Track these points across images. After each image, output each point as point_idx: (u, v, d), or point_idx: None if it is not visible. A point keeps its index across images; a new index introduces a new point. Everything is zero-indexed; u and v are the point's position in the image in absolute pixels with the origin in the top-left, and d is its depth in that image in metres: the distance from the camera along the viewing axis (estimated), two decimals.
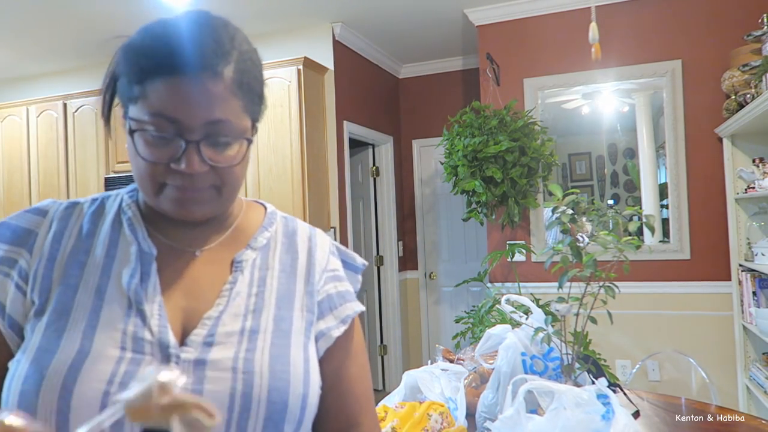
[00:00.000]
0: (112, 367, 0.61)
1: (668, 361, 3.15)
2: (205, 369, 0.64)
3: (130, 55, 0.65)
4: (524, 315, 1.58)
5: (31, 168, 4.20)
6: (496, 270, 3.57)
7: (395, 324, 4.59)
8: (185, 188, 0.66)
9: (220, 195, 0.69)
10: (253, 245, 0.76)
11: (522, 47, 3.58)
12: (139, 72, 0.63)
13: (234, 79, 0.65)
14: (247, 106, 0.68)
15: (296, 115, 3.40)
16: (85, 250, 0.69)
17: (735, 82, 2.91)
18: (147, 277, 0.68)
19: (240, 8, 3.44)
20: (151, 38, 0.64)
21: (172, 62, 0.62)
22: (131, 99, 0.65)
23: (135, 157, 0.66)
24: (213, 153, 0.66)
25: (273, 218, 0.80)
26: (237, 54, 0.66)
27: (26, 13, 3.35)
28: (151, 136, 0.64)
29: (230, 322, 0.68)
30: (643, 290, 3.27)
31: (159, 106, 0.63)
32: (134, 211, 0.73)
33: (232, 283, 0.71)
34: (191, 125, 0.63)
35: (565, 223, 1.42)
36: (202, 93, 0.63)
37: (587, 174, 3.58)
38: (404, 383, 1.59)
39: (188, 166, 0.64)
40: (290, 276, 0.75)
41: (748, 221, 2.98)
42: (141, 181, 0.67)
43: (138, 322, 0.65)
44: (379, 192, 4.59)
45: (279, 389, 0.66)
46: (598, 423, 1.15)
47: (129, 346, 0.63)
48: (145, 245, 0.70)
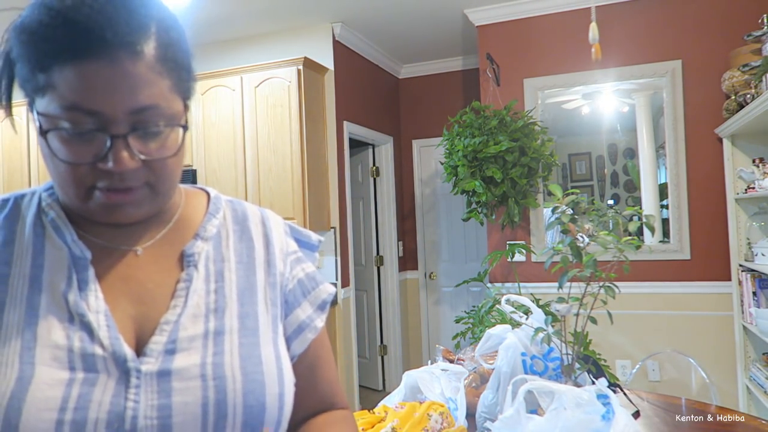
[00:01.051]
0: (62, 391, 0.54)
1: (668, 361, 3.15)
2: (170, 380, 0.57)
3: (26, 38, 0.54)
4: (524, 315, 1.58)
5: (31, 168, 4.20)
6: (496, 270, 3.57)
7: (395, 324, 4.59)
8: (116, 189, 0.57)
9: (156, 193, 0.60)
10: (202, 235, 0.68)
11: (522, 47, 3.58)
12: (41, 58, 0.53)
13: (157, 55, 0.56)
14: (175, 85, 0.58)
15: (296, 115, 3.40)
16: (4, 262, 0.59)
17: (735, 82, 2.90)
18: (85, 284, 0.60)
19: (240, 8, 3.44)
20: (50, 16, 0.53)
21: (80, 43, 0.52)
22: (36, 90, 0.55)
23: (51, 159, 0.56)
24: (143, 146, 0.57)
25: (218, 203, 0.72)
26: (155, 24, 0.56)
27: None
28: (68, 133, 0.54)
29: (191, 325, 0.61)
30: (643, 290, 3.27)
31: (72, 98, 0.53)
32: (57, 212, 0.63)
33: (186, 281, 0.64)
34: (114, 116, 0.54)
35: (565, 223, 1.42)
36: (121, 77, 0.53)
37: (587, 174, 3.58)
38: (404, 383, 1.59)
39: (117, 164, 0.55)
40: (249, 267, 0.68)
41: (748, 221, 2.98)
42: (63, 186, 0.58)
43: (84, 337, 0.57)
44: (379, 192, 4.59)
45: (254, 392, 0.61)
46: (598, 423, 1.15)
47: (78, 365, 0.56)
48: (77, 249, 0.61)
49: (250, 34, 3.83)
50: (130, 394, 0.56)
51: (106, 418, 0.55)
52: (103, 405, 0.55)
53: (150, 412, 0.56)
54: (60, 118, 0.54)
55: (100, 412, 0.54)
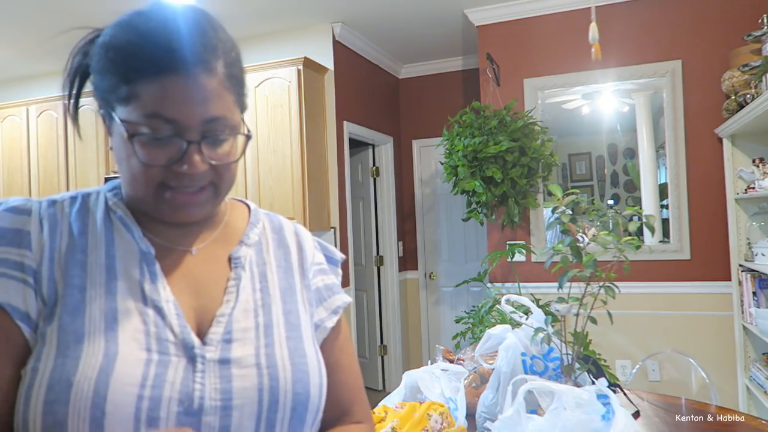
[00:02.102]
0: (141, 369, 0.60)
1: (668, 361, 3.15)
2: (230, 367, 0.64)
3: (114, 54, 0.62)
4: (524, 315, 1.58)
5: (31, 168, 4.20)
6: (496, 270, 3.57)
7: (395, 324, 4.59)
8: (185, 190, 0.64)
9: (217, 194, 0.68)
10: (246, 242, 0.75)
11: (522, 47, 3.58)
12: (128, 71, 0.61)
13: (225, 73, 0.64)
14: (237, 100, 0.67)
15: (296, 115, 3.40)
16: (81, 249, 0.66)
17: (735, 82, 2.90)
18: (154, 276, 0.67)
19: (240, 8, 3.44)
20: (137, 35, 0.61)
21: (164, 60, 0.60)
22: (119, 100, 0.62)
23: (129, 159, 0.63)
24: (211, 152, 0.65)
25: (258, 214, 0.81)
26: (222, 46, 0.65)
27: (27, 12, 3.35)
28: (146, 138, 0.62)
29: (243, 318, 0.68)
30: (643, 290, 3.27)
31: (154, 107, 0.60)
32: (124, 210, 0.70)
33: (236, 280, 0.71)
34: (189, 124, 0.62)
35: (565, 223, 1.42)
36: (198, 90, 0.61)
37: (587, 174, 3.58)
38: (404, 383, 1.59)
39: (191, 166, 0.63)
40: (287, 271, 0.76)
41: (748, 221, 2.98)
42: (135, 185, 0.65)
43: (159, 322, 0.64)
44: (379, 192, 4.58)
45: (301, 380, 0.67)
46: (598, 423, 1.15)
47: (154, 347, 0.62)
48: (143, 245, 0.68)
49: (250, 34, 3.83)
50: (197, 377, 0.62)
51: (178, 397, 0.61)
52: (175, 385, 0.61)
53: (214, 394, 0.62)
54: (140, 125, 0.61)
55: (172, 391, 0.61)
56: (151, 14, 0.63)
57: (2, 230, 0.64)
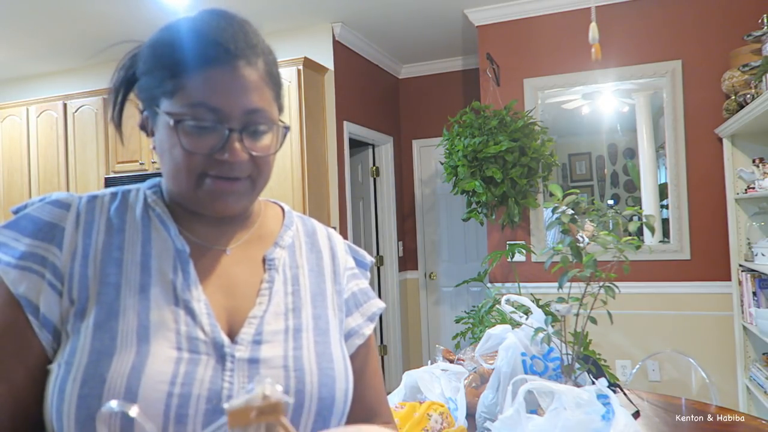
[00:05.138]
0: (172, 367, 0.61)
1: (668, 361, 3.15)
2: (258, 367, 0.65)
3: (161, 51, 0.66)
4: (524, 315, 1.58)
5: (31, 168, 4.20)
6: (496, 270, 3.57)
7: (395, 324, 4.59)
8: (225, 178, 0.66)
9: (254, 187, 0.69)
10: (280, 244, 0.76)
11: (522, 47, 3.58)
12: (174, 65, 0.64)
13: (265, 69, 0.68)
14: (275, 97, 0.70)
15: (296, 115, 3.40)
16: (118, 247, 0.67)
17: (735, 82, 2.91)
18: (187, 275, 0.67)
19: (240, 8, 3.42)
20: (182, 33, 0.65)
21: (209, 53, 0.63)
22: (165, 93, 0.65)
23: (172, 150, 0.65)
24: (251, 142, 0.67)
25: (291, 217, 0.82)
26: (263, 47, 0.69)
27: (27, 13, 3.35)
28: (190, 127, 0.64)
29: (273, 321, 0.69)
30: (643, 290, 3.27)
31: (199, 96, 0.63)
32: (162, 208, 0.71)
33: (269, 282, 0.72)
34: (231, 113, 0.64)
35: (565, 223, 1.42)
36: (240, 81, 0.64)
37: (587, 174, 3.58)
38: (404, 383, 1.59)
39: (231, 154, 0.64)
40: (319, 275, 0.77)
41: (748, 221, 2.98)
42: (177, 174, 0.66)
43: (189, 321, 0.65)
44: (379, 192, 4.58)
45: (327, 385, 0.68)
46: (598, 423, 1.15)
47: (184, 346, 0.63)
48: (179, 243, 0.69)
49: None
50: (226, 375, 0.63)
51: (207, 394, 0.62)
52: (204, 383, 0.62)
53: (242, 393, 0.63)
54: (185, 114, 0.64)
55: (201, 389, 0.62)
56: (196, 17, 0.67)
57: (39, 222, 0.66)
